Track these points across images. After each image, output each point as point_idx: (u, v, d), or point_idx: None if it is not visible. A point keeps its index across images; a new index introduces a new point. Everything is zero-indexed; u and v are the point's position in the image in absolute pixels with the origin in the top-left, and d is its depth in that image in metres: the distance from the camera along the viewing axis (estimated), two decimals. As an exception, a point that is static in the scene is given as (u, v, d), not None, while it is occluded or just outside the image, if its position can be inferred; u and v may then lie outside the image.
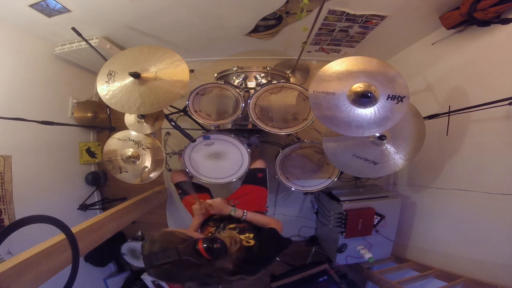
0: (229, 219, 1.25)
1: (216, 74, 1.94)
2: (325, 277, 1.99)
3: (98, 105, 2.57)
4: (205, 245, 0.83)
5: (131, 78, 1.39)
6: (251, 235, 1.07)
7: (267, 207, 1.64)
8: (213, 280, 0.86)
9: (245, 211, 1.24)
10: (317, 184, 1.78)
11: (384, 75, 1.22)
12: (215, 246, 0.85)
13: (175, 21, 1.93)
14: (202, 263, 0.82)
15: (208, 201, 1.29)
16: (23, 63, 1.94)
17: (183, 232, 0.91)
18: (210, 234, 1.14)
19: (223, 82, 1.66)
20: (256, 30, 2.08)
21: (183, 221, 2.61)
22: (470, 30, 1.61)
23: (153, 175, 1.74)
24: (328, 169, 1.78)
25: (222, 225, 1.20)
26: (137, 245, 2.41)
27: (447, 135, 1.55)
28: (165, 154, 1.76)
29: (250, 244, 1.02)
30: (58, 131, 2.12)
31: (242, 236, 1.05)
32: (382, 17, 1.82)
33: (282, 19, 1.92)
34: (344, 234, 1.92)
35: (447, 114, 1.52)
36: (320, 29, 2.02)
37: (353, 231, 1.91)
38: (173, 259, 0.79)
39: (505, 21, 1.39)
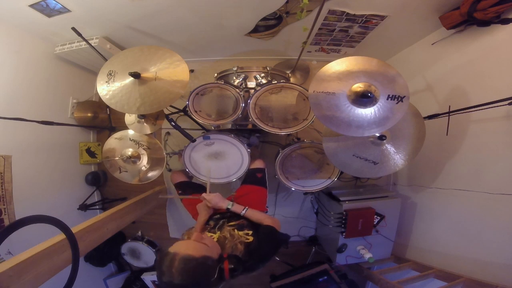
0: (229, 217, 1.26)
1: (216, 74, 1.94)
2: (325, 277, 1.99)
3: (98, 105, 2.57)
4: (231, 266, 0.87)
5: (131, 78, 1.40)
6: (250, 232, 1.09)
7: (267, 207, 1.64)
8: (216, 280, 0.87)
9: (246, 207, 1.26)
10: (317, 184, 1.78)
11: (384, 75, 1.22)
12: (239, 267, 0.89)
13: (175, 21, 1.93)
14: (215, 279, 0.85)
15: (204, 195, 1.32)
16: (23, 63, 1.94)
17: (196, 245, 0.89)
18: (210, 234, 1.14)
19: (223, 82, 1.66)
20: (256, 30, 2.08)
21: (183, 221, 2.61)
22: (470, 30, 1.61)
23: (153, 175, 1.75)
24: (328, 169, 1.78)
25: (221, 222, 1.20)
26: (137, 245, 2.41)
27: (447, 135, 1.55)
28: (165, 154, 1.76)
29: (249, 241, 1.04)
30: (58, 131, 2.12)
31: (240, 233, 1.07)
32: (382, 17, 1.82)
33: (282, 19, 1.92)
34: (344, 234, 1.92)
35: (447, 114, 1.52)
36: (320, 29, 2.02)
37: (353, 231, 1.91)
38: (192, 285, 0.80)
39: (505, 21, 1.39)
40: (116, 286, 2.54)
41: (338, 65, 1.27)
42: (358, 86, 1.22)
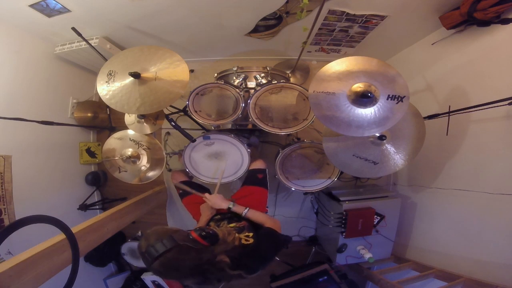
0: (230, 218, 1.26)
1: (216, 74, 1.94)
2: (325, 277, 1.98)
3: (98, 105, 2.57)
4: (198, 233, 0.88)
5: (131, 78, 1.40)
6: (250, 234, 1.08)
7: (267, 207, 1.65)
8: (215, 270, 0.87)
9: (247, 208, 1.26)
10: (317, 184, 1.78)
11: (384, 75, 1.22)
12: (206, 230, 0.91)
13: (175, 21, 1.93)
14: (201, 247, 0.85)
15: (206, 195, 1.35)
16: (23, 63, 1.93)
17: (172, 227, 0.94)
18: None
19: (223, 82, 1.66)
20: (256, 30, 2.08)
21: (183, 221, 2.61)
22: (470, 30, 1.61)
23: (153, 175, 1.74)
24: (328, 169, 1.78)
25: (222, 223, 1.21)
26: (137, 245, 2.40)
27: (447, 135, 1.55)
28: (165, 154, 1.76)
29: (249, 242, 1.04)
30: (58, 131, 2.12)
31: (241, 235, 1.07)
32: (382, 17, 1.82)
33: (282, 19, 1.92)
34: (344, 234, 1.92)
35: (447, 114, 1.52)
36: (320, 29, 2.02)
37: (353, 231, 1.91)
38: (171, 246, 0.80)
39: (505, 21, 1.39)
40: (116, 286, 2.54)
41: (338, 65, 1.27)
42: (358, 86, 1.22)
